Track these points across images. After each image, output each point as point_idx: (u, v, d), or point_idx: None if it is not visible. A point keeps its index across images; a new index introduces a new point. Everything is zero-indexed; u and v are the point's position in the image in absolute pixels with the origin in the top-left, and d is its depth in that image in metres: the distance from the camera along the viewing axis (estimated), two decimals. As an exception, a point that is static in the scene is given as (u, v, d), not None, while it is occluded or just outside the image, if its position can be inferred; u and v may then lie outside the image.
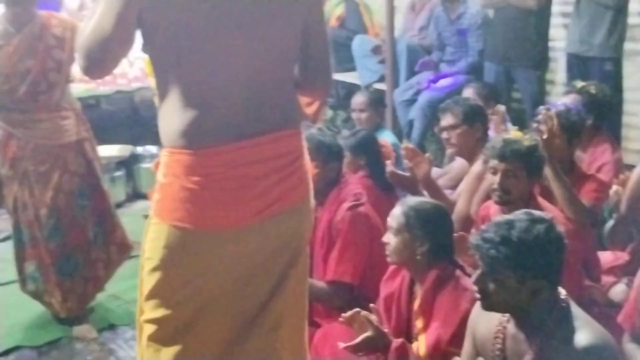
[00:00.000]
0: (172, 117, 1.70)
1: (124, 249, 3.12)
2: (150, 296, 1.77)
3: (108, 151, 4.19)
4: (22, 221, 2.98)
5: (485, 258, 1.67)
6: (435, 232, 2.16)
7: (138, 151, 4.71)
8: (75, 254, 3.05)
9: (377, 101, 4.09)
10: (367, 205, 2.70)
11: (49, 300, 3.05)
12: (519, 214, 1.70)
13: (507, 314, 1.69)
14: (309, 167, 1.88)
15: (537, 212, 1.73)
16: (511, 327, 1.69)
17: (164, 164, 1.76)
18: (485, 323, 1.77)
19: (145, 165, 4.43)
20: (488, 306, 1.69)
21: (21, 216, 2.97)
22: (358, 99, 4.04)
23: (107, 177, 3.58)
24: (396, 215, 2.20)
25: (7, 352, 2.95)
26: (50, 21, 2.87)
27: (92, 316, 3.16)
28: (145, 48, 1.72)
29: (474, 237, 1.75)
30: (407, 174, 2.88)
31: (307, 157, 1.88)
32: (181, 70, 1.69)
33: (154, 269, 1.76)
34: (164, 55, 1.69)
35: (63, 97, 2.98)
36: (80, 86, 4.15)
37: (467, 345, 1.90)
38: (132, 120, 5.23)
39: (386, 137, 3.66)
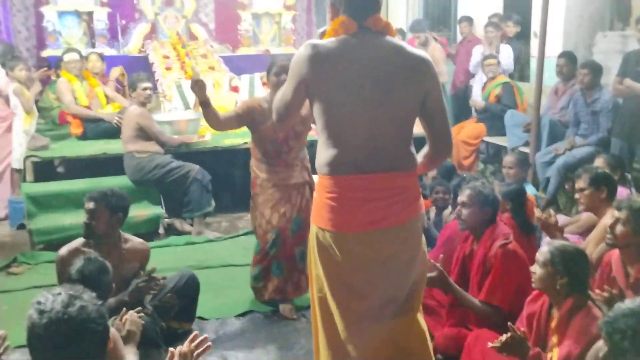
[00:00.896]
0: (320, 153, 2.21)
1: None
2: (312, 273, 2.30)
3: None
4: (257, 235, 3.77)
5: (615, 347, 1.71)
6: (574, 269, 2.39)
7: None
8: (284, 262, 3.70)
9: (524, 161, 4.74)
10: (514, 242, 2.98)
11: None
12: None
13: None
14: (416, 200, 2.23)
15: None
16: None
17: (316, 185, 2.28)
18: None
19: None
20: None
21: (257, 231, 3.79)
22: (509, 159, 4.69)
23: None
24: (544, 251, 2.47)
25: (243, 314, 3.75)
26: None
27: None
28: (311, 108, 2.24)
29: (601, 321, 1.83)
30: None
31: (415, 192, 2.24)
32: (328, 124, 2.16)
33: (311, 260, 2.29)
34: (319, 112, 2.17)
35: (297, 156, 3.70)
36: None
37: None
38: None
39: (529, 190, 4.21)
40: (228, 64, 8.02)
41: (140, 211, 4.96)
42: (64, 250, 3.17)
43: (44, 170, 5.22)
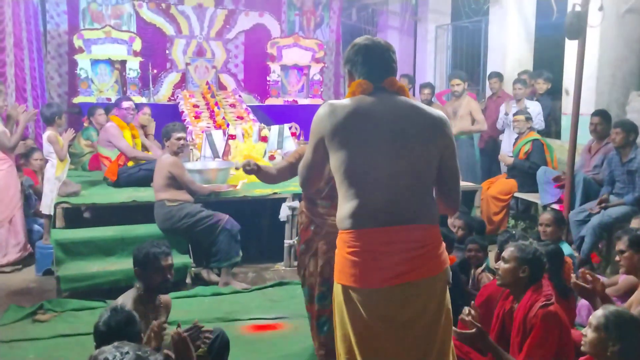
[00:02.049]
0: (340, 208, 2.24)
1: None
2: (338, 333, 2.29)
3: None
4: (306, 284, 3.54)
5: None
6: (629, 337, 2.33)
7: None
8: (330, 320, 3.28)
9: (561, 220, 4.69)
10: (556, 304, 2.93)
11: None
12: None
13: None
14: (438, 254, 2.22)
15: None
16: None
17: (337, 241, 2.26)
18: None
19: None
20: None
21: (308, 279, 3.53)
22: (546, 216, 4.61)
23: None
24: (598, 315, 2.41)
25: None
26: None
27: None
28: (331, 164, 2.25)
29: None
30: (588, 285, 3.15)
31: (438, 246, 2.23)
32: (346, 178, 2.18)
33: (336, 321, 2.29)
34: (337, 167, 2.20)
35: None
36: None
37: None
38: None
39: (565, 249, 4.07)
40: (256, 113, 8.11)
41: (168, 260, 4.90)
42: (125, 300, 3.10)
43: (74, 216, 5.21)
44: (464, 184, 6.11)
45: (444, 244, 2.28)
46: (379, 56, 2.30)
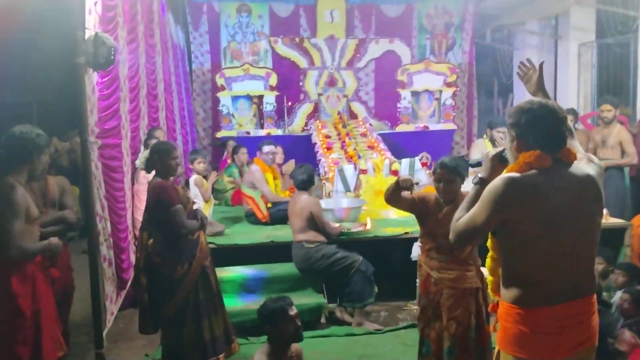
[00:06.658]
0: (519, 284, 2.23)
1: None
2: None
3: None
4: (426, 337, 3.64)
5: None
6: None
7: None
8: None
9: None
10: None
11: None
12: None
13: None
14: (596, 324, 2.29)
15: None
16: None
17: (510, 315, 2.26)
18: None
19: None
20: None
21: (429, 334, 3.61)
22: None
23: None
24: None
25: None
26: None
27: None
28: (498, 237, 2.29)
29: None
30: None
31: (596, 317, 2.29)
32: (529, 257, 2.20)
33: None
34: (515, 246, 2.22)
35: (470, 256, 3.57)
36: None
37: None
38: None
39: None
40: (386, 141, 8.17)
41: (304, 299, 5.10)
42: (260, 357, 3.34)
43: (219, 256, 5.56)
44: (611, 221, 5.77)
45: None
46: (554, 124, 2.22)
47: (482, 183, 2.32)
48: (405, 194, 3.68)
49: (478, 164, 2.57)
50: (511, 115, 2.28)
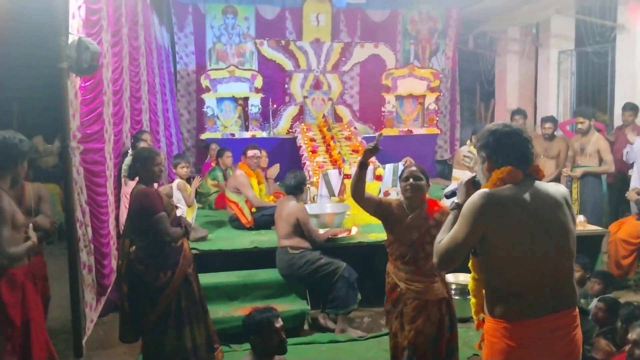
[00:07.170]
0: (501, 299, 2.28)
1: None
2: None
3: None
4: (391, 342, 3.66)
5: None
6: None
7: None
8: None
9: None
10: None
11: None
12: None
13: None
14: (579, 337, 2.33)
15: None
16: None
17: (494, 330, 2.30)
18: None
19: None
20: None
21: (392, 339, 3.65)
22: None
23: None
24: None
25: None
26: (434, 207, 3.61)
27: None
28: (480, 254, 2.33)
29: None
30: None
31: (579, 330, 2.33)
32: (510, 271, 2.25)
33: None
34: (495, 261, 2.27)
35: (434, 267, 3.46)
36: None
37: None
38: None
39: None
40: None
41: (287, 306, 5.09)
42: None
43: (202, 261, 5.54)
44: (589, 228, 5.85)
45: None
46: (521, 142, 2.34)
47: (458, 208, 2.37)
48: (372, 196, 3.71)
49: (453, 194, 2.63)
50: (480, 138, 2.40)
